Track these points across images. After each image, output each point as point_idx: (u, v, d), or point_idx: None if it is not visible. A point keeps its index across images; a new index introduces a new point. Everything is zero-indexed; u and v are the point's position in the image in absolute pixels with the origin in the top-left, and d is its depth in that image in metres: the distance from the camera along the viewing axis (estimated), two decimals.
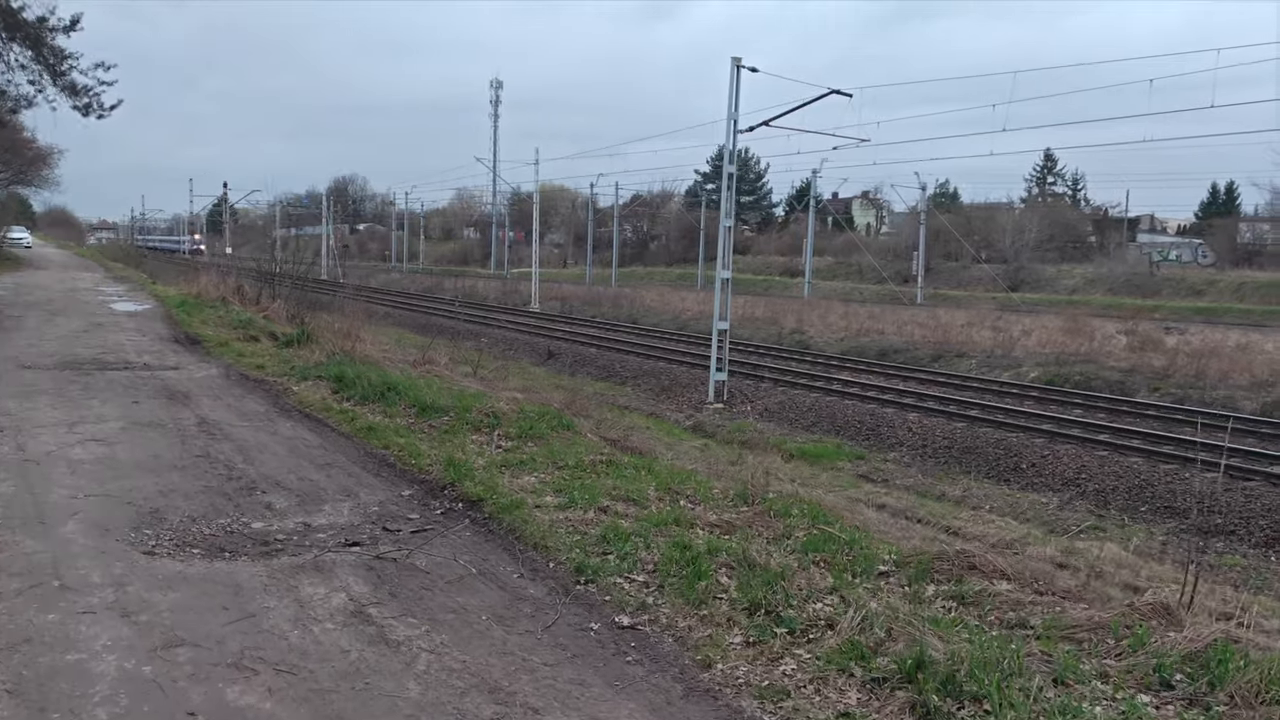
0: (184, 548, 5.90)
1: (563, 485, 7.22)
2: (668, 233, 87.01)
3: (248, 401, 10.94)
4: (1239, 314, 49.04)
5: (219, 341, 15.55)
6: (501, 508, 6.59)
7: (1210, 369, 26.05)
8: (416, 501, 7.11)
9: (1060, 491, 16.49)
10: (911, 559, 5.45)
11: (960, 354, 31.74)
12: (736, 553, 5.45)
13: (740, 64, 23.65)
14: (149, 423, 9.41)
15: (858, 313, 44.31)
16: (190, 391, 11.36)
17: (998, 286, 60.09)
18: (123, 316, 19.76)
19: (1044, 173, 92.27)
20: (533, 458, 8.11)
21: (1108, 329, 35.33)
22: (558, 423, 9.77)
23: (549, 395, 12.58)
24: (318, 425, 9.72)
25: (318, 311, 21.76)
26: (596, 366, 29.65)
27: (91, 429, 8.99)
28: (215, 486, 7.22)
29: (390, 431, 9.10)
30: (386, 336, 17.31)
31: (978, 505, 15.88)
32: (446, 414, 9.85)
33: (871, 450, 19.55)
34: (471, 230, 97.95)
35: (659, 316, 45.84)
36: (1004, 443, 18.57)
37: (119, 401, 10.46)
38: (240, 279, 23.62)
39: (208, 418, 9.83)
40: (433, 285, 61.60)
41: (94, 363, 13.12)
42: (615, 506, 6.63)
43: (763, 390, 25.01)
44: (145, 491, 6.98)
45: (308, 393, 11.34)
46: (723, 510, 6.70)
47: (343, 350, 13.77)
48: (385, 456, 8.35)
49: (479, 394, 10.95)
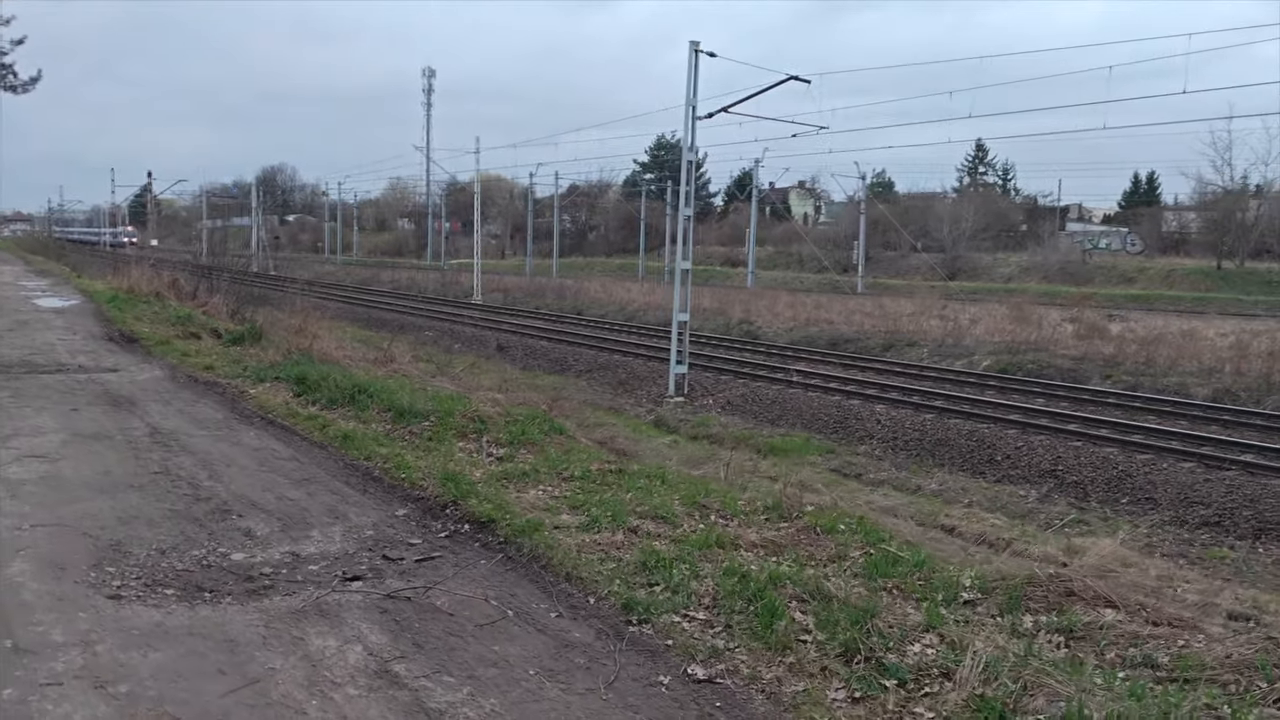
0: (156, 588, 5.05)
1: (577, 500, 6.50)
2: (606, 223, 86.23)
3: (201, 407, 9.97)
4: (1170, 300, 50.09)
5: (159, 340, 14.42)
6: (517, 530, 5.84)
7: (1159, 356, 26.26)
8: (414, 523, 6.32)
9: (1037, 484, 16.21)
10: (996, 584, 4.86)
11: (911, 343, 31.62)
12: (805, 583, 4.80)
13: (698, 49, 23.01)
14: (94, 434, 8.42)
15: (803, 302, 44.15)
16: (135, 396, 10.34)
17: (936, 275, 60.62)
18: (49, 313, 18.37)
19: (975, 163, 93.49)
20: (534, 468, 7.37)
21: (1052, 316, 35.59)
22: (548, 426, 9.03)
23: (527, 395, 11.81)
24: (285, 434, 8.82)
25: (259, 306, 20.64)
26: (549, 360, 28.84)
27: (29, 443, 7.98)
28: (182, 510, 6.34)
29: (369, 440, 8.26)
30: (331, 331, 16.31)
31: (956, 499, 15.55)
32: (427, 419, 9.04)
33: (841, 444, 19.13)
34: (406, 221, 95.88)
35: (604, 308, 45.07)
36: (976, 434, 18.28)
37: (56, 410, 9.42)
38: (175, 273, 22.29)
39: (160, 426, 8.86)
40: (369, 277, 60.00)
41: (22, 365, 11.96)
42: (644, 526, 5.92)
43: (723, 383, 24.46)
44: (102, 518, 6.07)
45: (267, 396, 10.40)
46: (760, 527, 6.05)
47: (299, 349, 12.81)
48: (369, 469, 7.51)
49: (456, 396, 10.14)
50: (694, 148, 23.20)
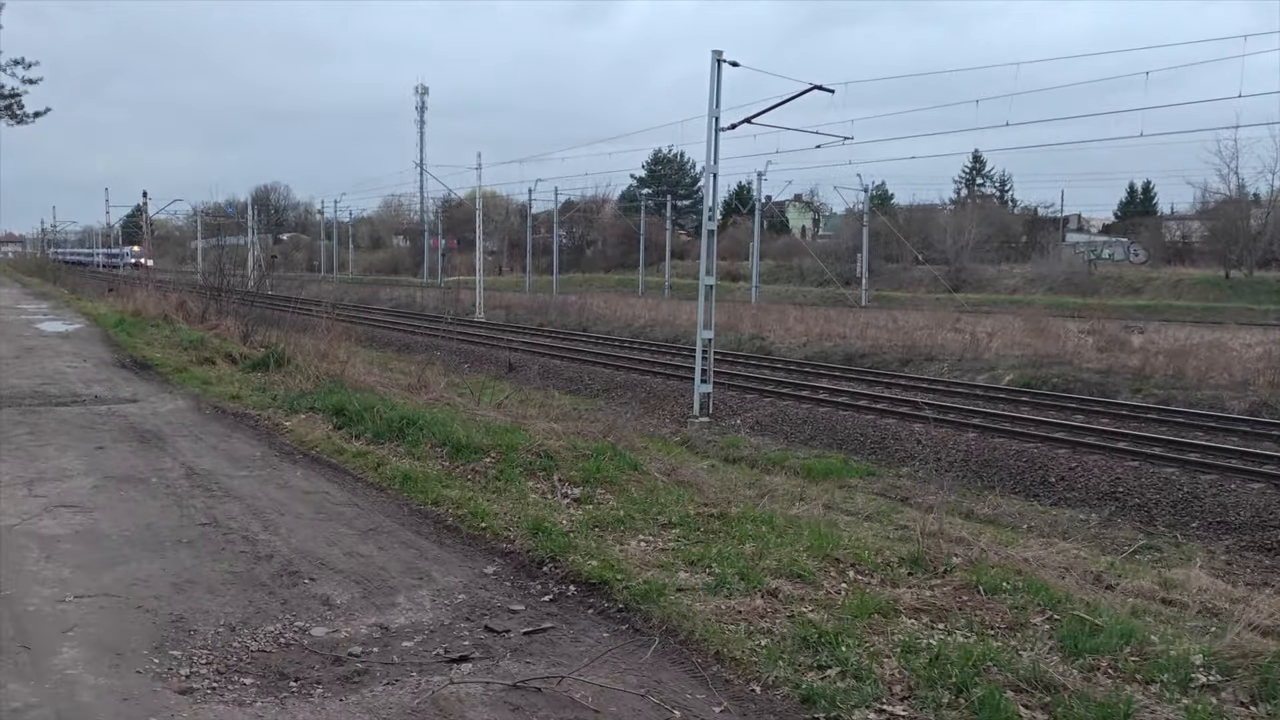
0: (232, 677, 4.25)
1: (691, 555, 5.71)
2: (604, 238, 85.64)
3: (236, 442, 9.16)
4: (1180, 310, 49.59)
5: (175, 366, 13.61)
6: (637, 595, 5.05)
7: (1187, 369, 25.68)
8: (508, 583, 5.53)
9: (1097, 507, 15.46)
10: (1236, 661, 4.10)
11: (929, 357, 30.97)
12: (1015, 667, 4.02)
13: (721, 58, 22.37)
14: (126, 476, 7.61)
15: (812, 316, 43.52)
16: (161, 431, 9.52)
17: (939, 287, 60.12)
18: (55, 338, 17.51)
19: (973, 174, 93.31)
20: (626, 514, 6.58)
21: (1069, 329, 35.01)
22: (621, 461, 8.24)
23: (582, 426, 10.99)
24: (335, 473, 8.01)
25: (270, 328, 19.82)
26: (563, 379, 28.05)
27: (57, 489, 7.17)
28: (244, 572, 5.54)
29: (431, 481, 7.46)
30: (356, 355, 15.52)
31: (1014, 524, 14.81)
32: (487, 454, 8.24)
33: (881, 465, 18.37)
34: (401, 238, 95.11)
35: (610, 324, 44.32)
36: (1025, 454, 17.53)
37: (80, 448, 8.60)
38: (183, 294, 21.45)
39: (195, 466, 8.05)
40: (368, 296, 59.16)
41: (36, 397, 11.13)
42: (782, 588, 5.14)
43: (748, 402, 23.71)
44: (154, 584, 5.27)
45: (305, 429, 9.60)
46: (910, 585, 5.28)
47: (329, 375, 12.01)
48: (439, 516, 6.71)
49: (511, 427, 9.34)
50: (717, 159, 22.53)
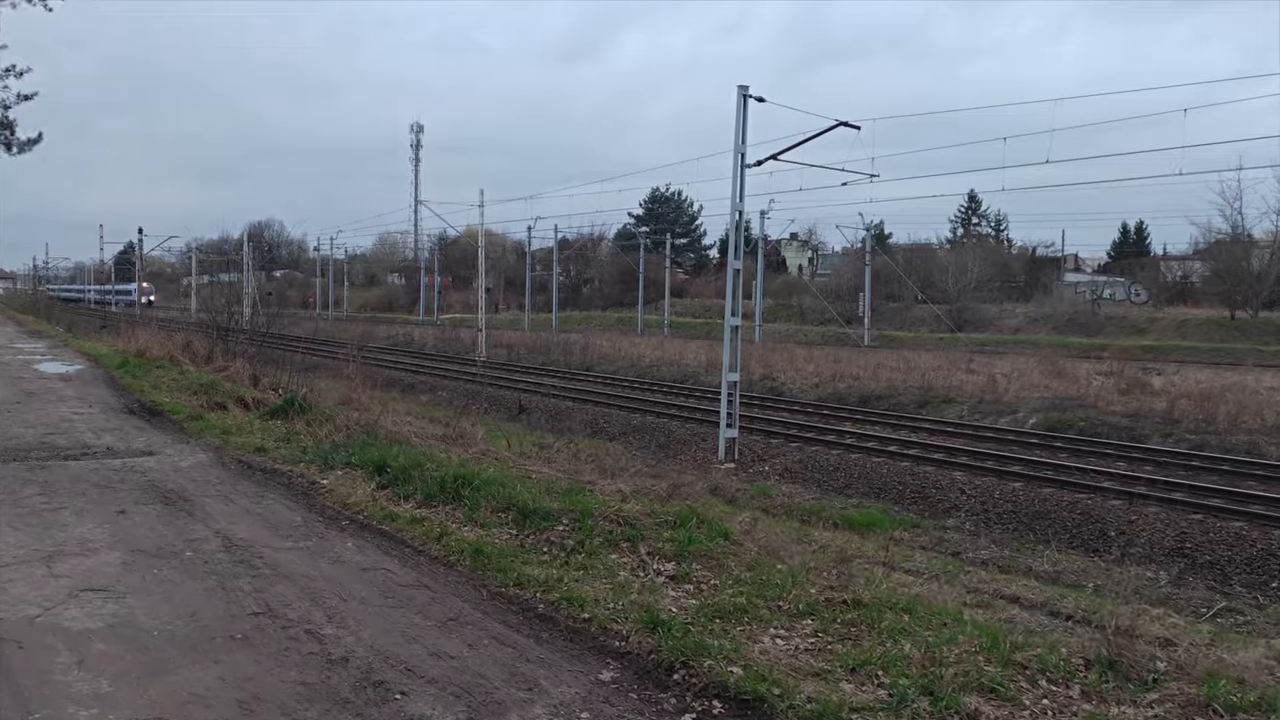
0: None
1: (846, 658, 4.81)
2: (601, 276, 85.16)
3: (271, 504, 8.21)
4: (1187, 351, 49.09)
5: (190, 414, 12.63)
6: (806, 719, 4.14)
7: (1218, 414, 25.03)
8: (634, 695, 4.61)
9: (1165, 564, 14.57)
10: None
11: (947, 399, 30.27)
12: None
13: (747, 93, 21.75)
14: (157, 549, 6.66)
15: (820, 356, 42.83)
16: (187, 490, 8.57)
17: (942, 326, 59.58)
18: (56, 380, 16.49)
19: (968, 213, 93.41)
20: (748, 600, 5.67)
21: (1084, 370, 34.37)
22: (708, 529, 7.34)
23: (644, 483, 10.05)
24: (391, 544, 7.07)
25: (276, 369, 18.91)
26: (577, 422, 27.12)
27: (80, 566, 6.21)
28: (318, 683, 4.59)
29: (505, 556, 6.53)
30: (378, 401, 14.59)
31: (1079, 582, 13.93)
32: (557, 520, 7.33)
33: (924, 516, 17.48)
34: (396, 276, 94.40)
35: (614, 364, 43.48)
36: (1077, 505, 16.69)
37: (99, 512, 7.64)
38: (189, 334, 20.51)
39: (232, 536, 7.11)
40: (364, 333, 58.16)
41: (43, 449, 10.14)
42: (982, 710, 4.23)
43: (773, 447, 22.82)
44: (214, 702, 4.33)
45: (344, 488, 8.67)
46: (1124, 700, 4.38)
47: (359, 424, 11.08)
48: (527, 602, 5.79)
49: (574, 487, 8.43)
50: (744, 196, 21.80)
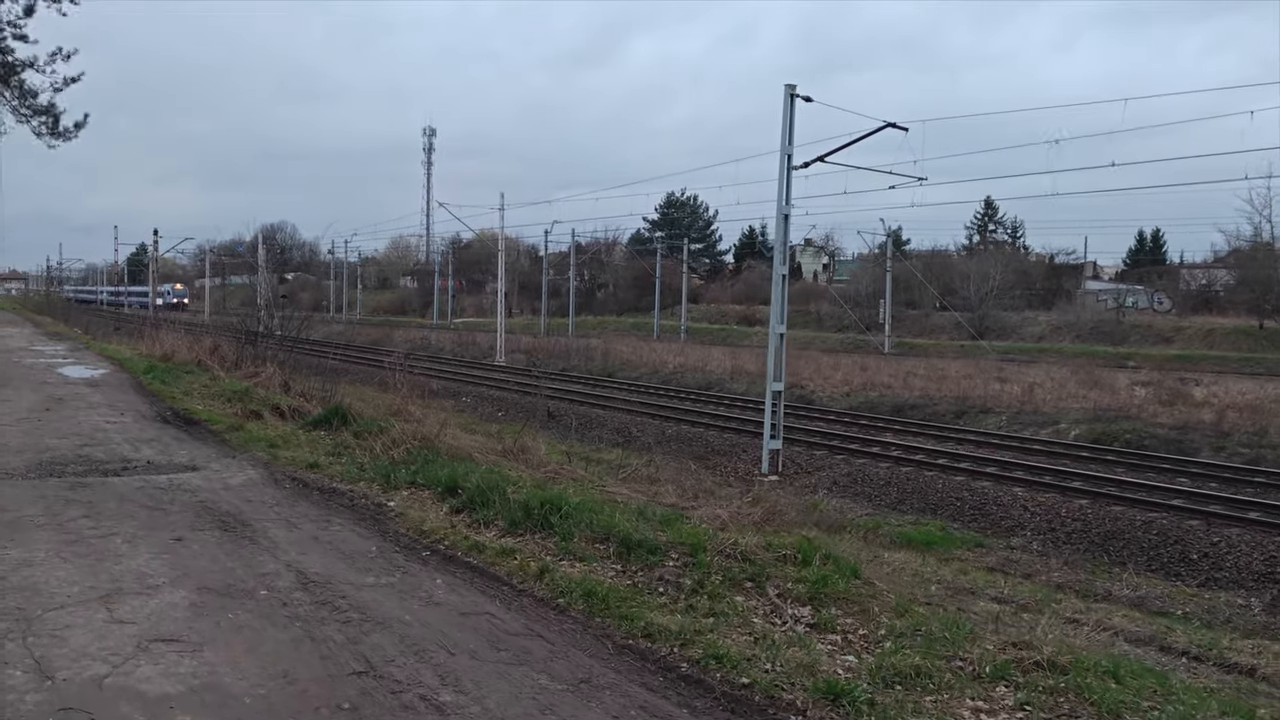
0: None
1: None
2: (615, 280, 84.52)
3: (338, 530, 7.43)
4: (1215, 361, 48.15)
5: (229, 424, 11.86)
6: None
7: (1270, 426, 24.28)
8: None
9: (1256, 590, 13.78)
10: None
11: (984, 409, 29.47)
12: None
13: (794, 93, 20.96)
14: (225, 587, 5.87)
15: (846, 364, 42.06)
16: (243, 513, 7.79)
17: (962, 334, 58.67)
18: (83, 386, 15.70)
19: (985, 220, 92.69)
20: (925, 660, 4.87)
21: (1119, 380, 33.53)
22: (836, 567, 6.54)
23: (741, 508, 9.27)
24: (485, 581, 6.28)
25: (306, 375, 18.20)
26: (608, 430, 26.34)
27: (144, 608, 5.42)
28: None
29: (624, 600, 5.73)
30: (431, 410, 13.79)
31: (1164, 609, 13.12)
32: (666, 555, 6.55)
33: (986, 534, 16.66)
34: (409, 279, 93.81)
35: (636, 369, 42.69)
36: (1152, 525, 15.88)
37: (153, 539, 6.85)
38: (218, 338, 19.77)
39: (305, 570, 6.32)
40: (380, 337, 57.46)
41: (81, 462, 9.36)
42: None
43: (817, 459, 22.01)
44: None
45: (415, 512, 7.88)
46: None
47: (415, 437, 10.31)
48: (665, 660, 4.98)
49: (673, 515, 7.64)
50: (789, 199, 21.00)
